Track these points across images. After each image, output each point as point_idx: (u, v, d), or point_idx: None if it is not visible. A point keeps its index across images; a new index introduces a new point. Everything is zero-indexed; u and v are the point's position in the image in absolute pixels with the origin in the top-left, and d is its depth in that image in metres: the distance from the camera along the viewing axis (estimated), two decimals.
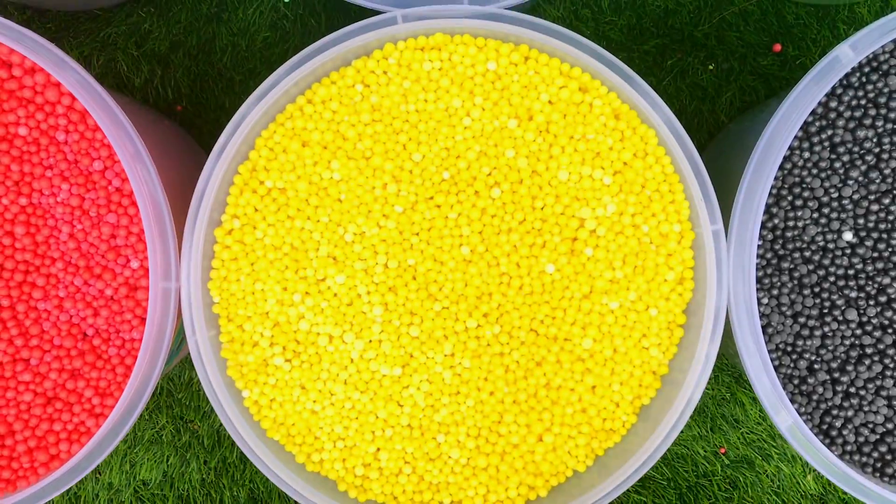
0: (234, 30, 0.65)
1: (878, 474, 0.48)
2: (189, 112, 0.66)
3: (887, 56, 0.46)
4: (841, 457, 0.47)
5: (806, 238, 0.47)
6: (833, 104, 0.46)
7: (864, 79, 0.46)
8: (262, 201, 0.46)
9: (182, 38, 0.65)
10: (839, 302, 0.47)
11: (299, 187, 0.46)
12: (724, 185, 0.49)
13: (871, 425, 0.47)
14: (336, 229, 0.47)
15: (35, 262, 0.46)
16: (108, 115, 0.43)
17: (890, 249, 0.47)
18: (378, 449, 0.48)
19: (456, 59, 0.46)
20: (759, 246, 0.47)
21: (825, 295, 0.47)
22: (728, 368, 0.67)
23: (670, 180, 0.47)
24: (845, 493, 0.67)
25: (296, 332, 0.47)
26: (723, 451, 0.67)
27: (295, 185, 0.46)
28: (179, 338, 0.52)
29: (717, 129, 0.66)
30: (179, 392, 0.67)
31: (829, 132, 0.47)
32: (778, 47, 0.65)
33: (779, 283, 0.47)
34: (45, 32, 0.64)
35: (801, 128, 0.46)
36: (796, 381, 0.48)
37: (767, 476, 0.67)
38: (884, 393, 0.47)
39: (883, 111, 0.46)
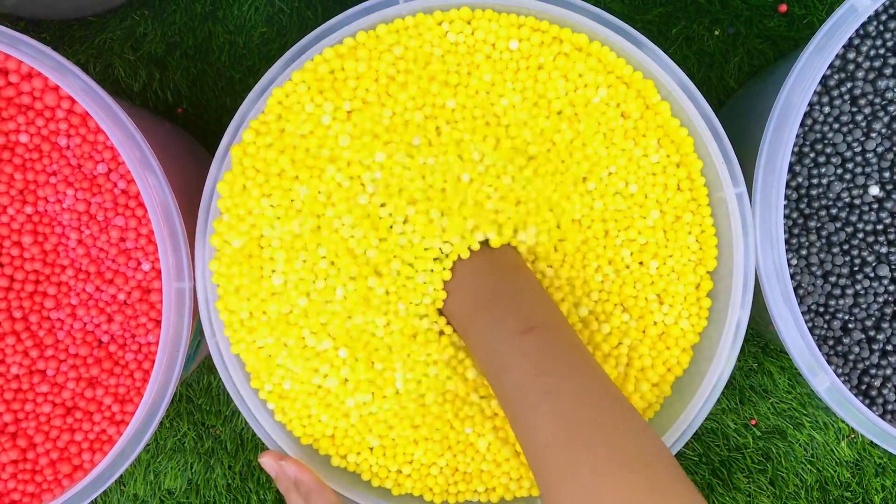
0: (230, 27, 0.64)
1: None
2: (190, 114, 0.65)
3: None
4: (882, 416, 0.46)
5: (831, 195, 0.46)
6: (851, 55, 0.45)
7: (881, 27, 0.45)
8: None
9: (178, 39, 0.64)
10: (870, 258, 0.46)
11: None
12: (740, 151, 0.48)
13: None
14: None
15: (45, 272, 0.45)
16: (113, 120, 0.42)
17: None
18: (408, 447, 0.47)
19: (472, 35, 0.45)
20: (784, 206, 0.46)
21: (855, 252, 0.46)
22: (754, 338, 0.66)
23: (684, 146, 0.45)
24: (881, 458, 0.66)
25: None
26: (753, 422, 0.66)
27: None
28: (196, 340, 0.51)
29: (727, 96, 0.65)
30: (199, 398, 0.66)
31: (849, 85, 0.45)
32: (784, 7, 0.63)
33: (807, 243, 0.46)
34: (41, 42, 0.63)
35: (819, 82, 0.45)
36: (831, 343, 0.46)
37: (800, 445, 0.66)
38: None
39: None
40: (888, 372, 0.46)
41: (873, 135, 0.46)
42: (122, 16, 0.63)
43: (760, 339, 0.66)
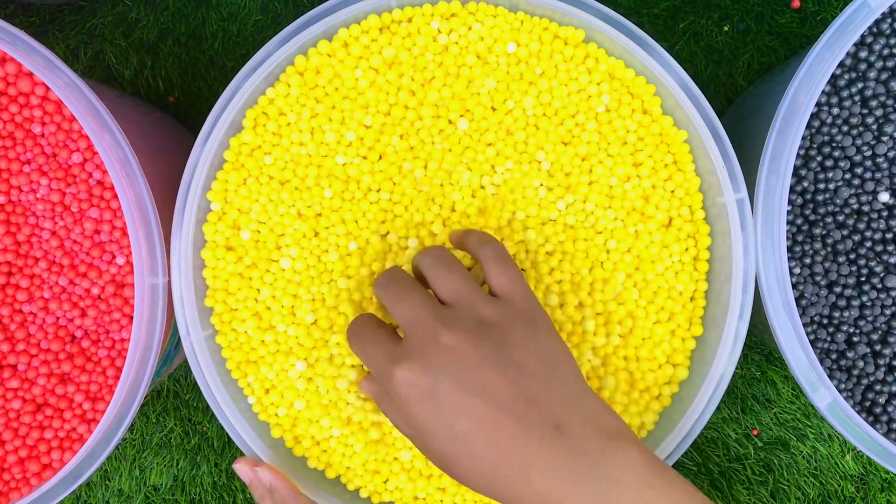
0: (223, 14, 0.62)
1: None
2: (182, 102, 0.63)
3: None
4: (886, 435, 0.44)
5: (838, 201, 0.44)
6: (863, 54, 0.43)
7: None
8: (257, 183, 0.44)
9: (171, 26, 0.62)
10: (877, 269, 0.44)
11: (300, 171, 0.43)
12: (746, 153, 0.46)
13: None
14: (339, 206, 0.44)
15: (17, 263, 0.44)
16: (86, 108, 0.40)
17: None
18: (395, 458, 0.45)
19: (452, 26, 0.43)
20: (787, 212, 0.43)
21: (862, 262, 0.44)
22: (757, 346, 0.64)
23: (681, 153, 0.43)
24: (888, 472, 0.64)
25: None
26: (755, 432, 0.64)
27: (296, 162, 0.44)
28: (176, 336, 0.49)
29: (736, 95, 0.63)
30: (186, 393, 0.65)
31: (860, 85, 0.43)
32: (797, 3, 0.61)
33: (811, 252, 0.44)
34: (30, 27, 0.62)
35: (828, 81, 0.43)
36: (834, 356, 0.44)
37: (803, 457, 0.64)
38: None
39: None
40: (894, 388, 0.44)
41: (884, 138, 0.43)
42: (113, 1, 0.62)
43: (764, 348, 0.64)
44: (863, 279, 0.44)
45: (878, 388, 0.44)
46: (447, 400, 0.34)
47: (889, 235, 0.44)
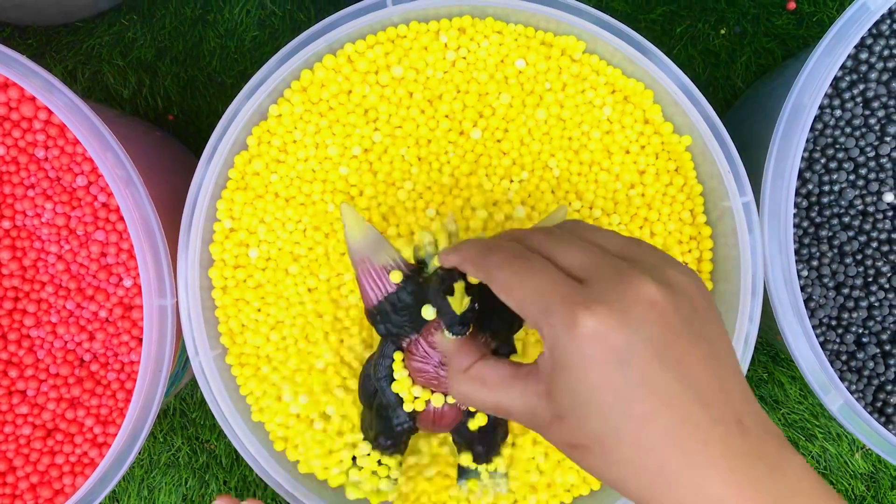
0: (221, 31, 0.62)
1: None
2: (181, 120, 0.63)
3: None
4: None
5: (844, 202, 0.44)
6: (864, 56, 0.43)
7: (895, 25, 0.43)
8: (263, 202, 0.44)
9: (168, 44, 0.62)
10: (884, 269, 0.44)
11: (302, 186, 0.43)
12: (748, 154, 0.46)
13: None
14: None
15: (24, 288, 0.43)
16: (90, 130, 0.40)
17: None
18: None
19: (461, 42, 0.43)
20: (793, 214, 0.44)
21: (869, 262, 0.44)
22: (763, 347, 0.64)
23: (683, 160, 0.44)
24: None
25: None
26: None
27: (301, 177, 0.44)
28: (184, 356, 0.49)
29: (734, 97, 0.63)
30: (193, 411, 0.64)
31: (861, 87, 0.43)
32: (792, 5, 0.61)
33: (818, 254, 0.44)
34: (27, 49, 0.62)
35: (830, 84, 0.43)
36: (844, 358, 0.44)
37: (813, 457, 0.64)
38: None
39: None
40: None
41: (887, 139, 0.43)
42: (110, 21, 0.62)
43: (770, 349, 0.64)
44: (870, 279, 0.44)
45: (889, 388, 0.44)
46: (638, 370, 0.27)
47: (895, 235, 0.44)
